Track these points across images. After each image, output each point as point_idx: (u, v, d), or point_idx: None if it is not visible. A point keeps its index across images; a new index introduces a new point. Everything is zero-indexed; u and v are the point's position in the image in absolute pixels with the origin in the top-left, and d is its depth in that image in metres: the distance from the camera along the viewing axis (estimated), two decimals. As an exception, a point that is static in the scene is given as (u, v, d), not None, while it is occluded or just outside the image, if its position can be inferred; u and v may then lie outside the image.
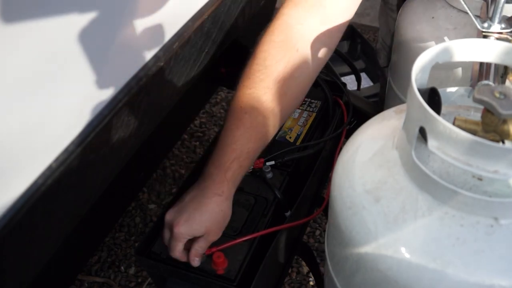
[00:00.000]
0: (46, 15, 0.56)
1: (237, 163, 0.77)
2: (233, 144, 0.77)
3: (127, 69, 0.73)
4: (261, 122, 0.79)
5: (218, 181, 0.77)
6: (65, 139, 0.64)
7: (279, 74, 0.79)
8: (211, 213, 0.76)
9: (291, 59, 0.79)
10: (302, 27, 0.80)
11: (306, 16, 0.80)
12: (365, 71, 1.99)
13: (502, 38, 0.72)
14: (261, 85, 0.78)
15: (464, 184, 0.53)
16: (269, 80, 0.78)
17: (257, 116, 0.78)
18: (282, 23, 0.81)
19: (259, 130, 0.79)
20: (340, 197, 0.61)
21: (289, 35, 0.80)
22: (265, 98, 0.78)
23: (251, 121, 0.78)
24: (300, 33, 0.80)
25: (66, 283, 1.18)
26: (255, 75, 0.79)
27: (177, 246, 0.76)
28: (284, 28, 0.81)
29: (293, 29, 0.80)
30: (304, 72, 0.82)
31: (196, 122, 1.87)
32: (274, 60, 0.79)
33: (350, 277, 0.64)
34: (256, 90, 0.78)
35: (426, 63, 0.56)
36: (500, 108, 0.47)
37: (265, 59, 0.79)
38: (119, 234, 1.54)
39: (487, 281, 0.50)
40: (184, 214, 0.76)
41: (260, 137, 0.80)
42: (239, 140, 0.78)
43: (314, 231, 1.52)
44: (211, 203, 0.76)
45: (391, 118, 0.67)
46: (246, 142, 0.78)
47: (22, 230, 0.59)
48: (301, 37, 0.80)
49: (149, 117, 0.80)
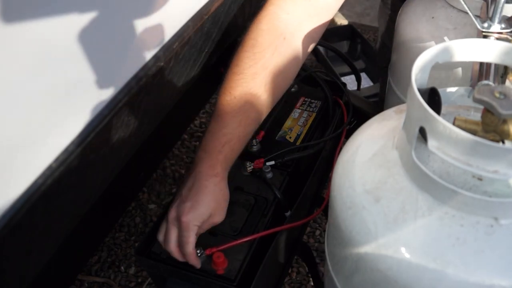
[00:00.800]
0: (46, 15, 0.56)
1: (229, 146, 0.79)
2: (223, 128, 0.79)
3: (127, 69, 0.73)
4: (250, 107, 0.80)
5: (210, 164, 0.78)
6: (65, 139, 0.64)
7: (266, 60, 0.81)
8: (212, 193, 0.77)
9: (278, 47, 0.82)
10: (288, 17, 0.83)
11: (292, 6, 0.83)
12: (365, 71, 1.99)
13: (502, 38, 0.72)
14: (249, 71, 0.80)
15: (464, 184, 0.53)
16: (257, 66, 0.80)
17: (246, 101, 0.80)
18: (270, 13, 0.83)
19: (248, 115, 0.81)
20: (340, 197, 0.61)
21: (276, 24, 0.82)
22: (253, 84, 0.80)
23: (240, 106, 0.79)
24: (287, 22, 0.83)
25: (66, 283, 1.18)
26: (243, 61, 0.81)
27: (191, 237, 0.75)
28: (271, 17, 0.83)
29: (279, 18, 0.83)
30: (290, 60, 0.84)
31: (196, 122, 1.87)
32: (262, 47, 0.81)
33: (350, 277, 0.64)
34: (245, 76, 0.80)
35: (426, 63, 0.56)
36: (500, 108, 0.47)
37: (253, 46, 0.81)
38: (119, 234, 1.54)
39: (487, 281, 0.50)
40: (187, 203, 0.76)
41: (249, 122, 0.81)
42: (229, 124, 0.79)
43: (314, 231, 1.53)
44: (209, 184, 0.77)
45: (391, 118, 0.67)
46: (237, 126, 0.79)
47: (22, 230, 0.59)
48: (288, 26, 0.83)
49: (149, 117, 0.80)
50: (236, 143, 0.80)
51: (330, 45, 1.43)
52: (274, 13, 0.83)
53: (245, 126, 0.81)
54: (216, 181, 0.78)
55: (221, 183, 0.79)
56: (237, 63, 0.82)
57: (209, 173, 0.77)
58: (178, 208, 0.77)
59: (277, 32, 0.82)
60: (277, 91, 0.86)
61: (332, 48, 1.42)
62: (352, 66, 1.56)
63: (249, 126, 0.82)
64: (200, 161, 0.79)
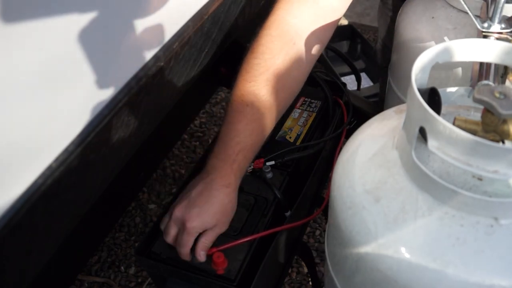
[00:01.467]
0: (46, 15, 0.56)
1: (242, 155, 0.78)
2: (236, 137, 0.78)
3: (127, 69, 0.73)
4: (262, 115, 0.80)
5: (224, 173, 0.77)
6: (65, 139, 0.64)
7: (278, 67, 0.80)
8: (221, 205, 0.77)
9: (289, 53, 0.81)
10: (297, 21, 0.82)
11: (300, 10, 0.82)
12: (365, 71, 1.99)
13: (502, 38, 0.72)
14: (260, 79, 0.79)
15: (464, 184, 0.53)
16: (268, 73, 0.80)
17: (258, 109, 0.79)
18: (278, 18, 0.83)
19: (260, 123, 0.80)
20: (340, 197, 0.61)
21: (285, 29, 0.82)
22: (264, 91, 0.79)
23: (253, 114, 0.79)
24: (296, 27, 0.82)
25: (66, 283, 1.18)
26: (254, 68, 0.80)
27: (189, 241, 0.76)
28: (280, 22, 0.82)
29: (289, 23, 0.82)
30: (300, 65, 0.84)
31: (196, 122, 1.87)
32: (272, 53, 0.80)
33: (350, 277, 0.64)
34: (256, 84, 0.79)
35: (426, 63, 0.56)
36: (500, 108, 0.47)
37: (263, 52, 0.81)
38: (119, 234, 1.54)
39: (487, 281, 0.50)
40: (195, 208, 0.76)
41: (261, 130, 0.81)
42: (242, 133, 0.78)
43: (314, 231, 1.53)
44: (220, 194, 0.77)
45: (391, 118, 0.67)
46: (249, 135, 0.79)
47: (22, 230, 0.59)
48: (297, 31, 0.82)
49: (149, 117, 0.80)
50: (249, 152, 0.79)
51: (330, 45, 1.42)
52: (283, 18, 0.82)
53: (258, 134, 0.80)
54: (227, 192, 0.77)
55: (232, 194, 0.78)
56: (247, 69, 0.81)
57: (221, 183, 0.77)
58: (185, 210, 0.76)
59: (287, 37, 0.81)
60: (288, 97, 0.86)
61: (332, 48, 1.42)
62: (352, 66, 1.56)
63: (261, 134, 0.81)
64: (213, 169, 0.78)
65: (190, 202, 0.77)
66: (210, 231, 0.77)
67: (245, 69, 0.81)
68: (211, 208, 0.76)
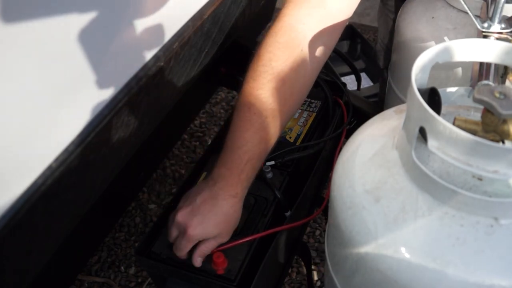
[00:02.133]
0: (46, 15, 0.56)
1: (250, 164, 0.77)
2: (244, 146, 0.77)
3: (127, 69, 0.73)
4: (270, 124, 0.78)
5: (231, 183, 0.77)
6: (65, 139, 0.64)
7: (286, 75, 0.79)
8: (225, 215, 0.76)
9: (297, 60, 0.80)
10: (304, 27, 0.80)
11: (307, 16, 0.81)
12: (365, 71, 1.99)
13: (502, 38, 0.72)
14: (268, 86, 0.78)
15: (464, 184, 0.53)
16: (276, 81, 0.78)
17: (266, 118, 0.78)
18: (285, 24, 0.81)
19: (268, 132, 0.79)
20: (340, 197, 0.61)
21: (293, 36, 0.80)
22: (272, 100, 0.78)
23: (260, 123, 0.77)
24: (304, 33, 0.80)
25: (66, 283, 1.18)
26: (261, 76, 0.78)
27: (187, 248, 0.77)
28: (287, 29, 0.81)
29: (296, 29, 0.80)
30: (308, 72, 0.82)
31: (196, 122, 1.87)
32: (280, 61, 0.79)
33: (350, 277, 0.64)
34: (264, 91, 0.78)
35: (426, 63, 0.56)
36: (500, 108, 0.47)
37: (270, 60, 0.79)
38: (119, 234, 1.54)
39: (487, 281, 0.50)
40: (198, 216, 0.75)
41: (268, 139, 0.79)
42: (250, 142, 0.77)
43: (314, 231, 1.52)
44: (225, 205, 0.76)
45: (391, 118, 0.67)
46: (257, 143, 0.77)
47: (22, 230, 0.59)
48: (304, 37, 0.81)
49: (149, 117, 0.80)
50: (257, 161, 0.78)
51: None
52: (290, 24, 0.81)
53: (265, 143, 0.79)
54: (233, 203, 0.77)
55: (237, 205, 0.78)
56: (254, 77, 0.79)
57: (228, 193, 0.76)
58: (188, 216, 0.76)
59: (294, 44, 0.80)
60: (296, 104, 0.84)
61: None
62: (352, 66, 1.56)
63: (268, 143, 0.80)
64: (220, 178, 0.77)
65: (194, 209, 0.76)
66: (212, 239, 0.77)
67: (251, 77, 0.79)
68: (214, 217, 0.76)
